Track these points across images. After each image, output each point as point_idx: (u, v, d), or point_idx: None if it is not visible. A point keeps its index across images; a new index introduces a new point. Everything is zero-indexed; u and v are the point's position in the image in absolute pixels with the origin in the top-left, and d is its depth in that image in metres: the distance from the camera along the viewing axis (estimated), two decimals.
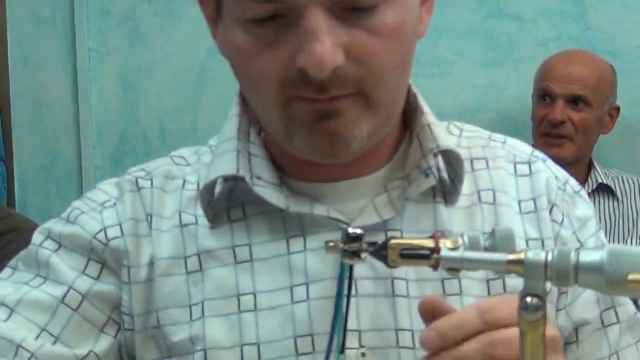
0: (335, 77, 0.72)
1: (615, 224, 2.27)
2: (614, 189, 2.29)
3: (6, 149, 2.85)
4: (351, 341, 0.78)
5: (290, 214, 0.82)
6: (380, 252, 0.60)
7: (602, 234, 0.91)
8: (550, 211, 0.86)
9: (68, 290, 0.82)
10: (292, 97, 0.75)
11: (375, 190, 0.83)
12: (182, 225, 0.85)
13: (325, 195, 0.83)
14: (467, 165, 0.86)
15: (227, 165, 0.82)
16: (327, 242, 0.60)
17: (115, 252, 0.84)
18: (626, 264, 0.56)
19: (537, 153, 0.92)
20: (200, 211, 0.84)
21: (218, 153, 0.85)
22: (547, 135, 2.20)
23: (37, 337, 0.80)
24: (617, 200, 2.28)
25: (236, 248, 0.82)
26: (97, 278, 0.84)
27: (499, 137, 0.93)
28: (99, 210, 0.87)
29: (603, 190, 2.29)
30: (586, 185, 2.27)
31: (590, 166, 2.30)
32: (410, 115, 0.87)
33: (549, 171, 0.89)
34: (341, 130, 0.75)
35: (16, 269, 0.86)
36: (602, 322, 0.87)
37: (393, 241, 0.59)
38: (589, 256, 0.56)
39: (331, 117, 0.74)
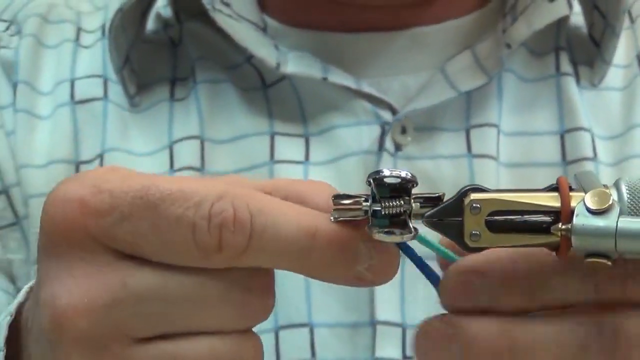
0: None
1: None
2: None
3: None
4: None
5: (279, 86, 0.46)
6: (450, 218, 0.28)
7: None
8: None
9: None
10: None
11: (448, 52, 0.48)
12: (75, 103, 0.51)
13: (349, 57, 0.47)
14: (625, 21, 0.52)
15: None
16: (334, 197, 0.28)
17: None
18: None
19: None
20: (112, 77, 0.50)
21: None
22: None
23: None
24: None
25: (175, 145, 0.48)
26: None
27: None
28: None
29: None
30: None
31: None
32: None
33: None
34: None
35: None
36: None
37: (474, 196, 0.28)
38: None
39: None
